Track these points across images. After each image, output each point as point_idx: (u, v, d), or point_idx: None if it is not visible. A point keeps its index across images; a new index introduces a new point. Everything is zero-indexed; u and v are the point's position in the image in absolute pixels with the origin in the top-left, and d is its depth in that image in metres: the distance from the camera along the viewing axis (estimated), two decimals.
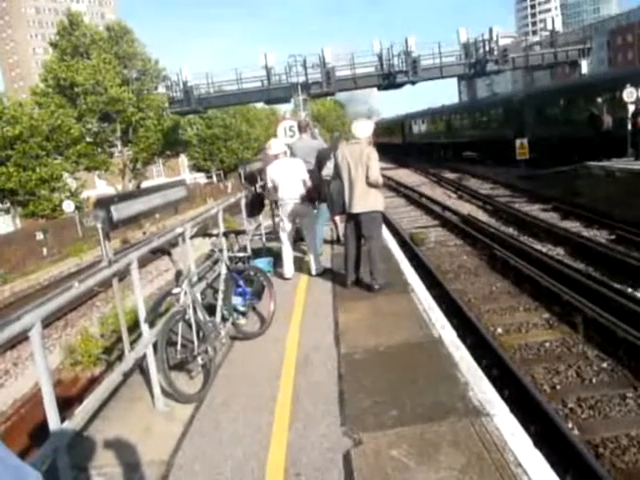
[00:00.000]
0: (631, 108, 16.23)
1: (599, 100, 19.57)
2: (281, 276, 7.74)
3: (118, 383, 4.47)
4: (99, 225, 3.90)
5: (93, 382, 7.69)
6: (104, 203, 4.03)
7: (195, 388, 4.53)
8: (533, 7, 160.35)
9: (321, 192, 7.51)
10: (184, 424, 4.03)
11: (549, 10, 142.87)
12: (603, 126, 18.10)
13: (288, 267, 7.73)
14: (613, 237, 11.91)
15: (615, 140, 17.48)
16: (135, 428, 4.01)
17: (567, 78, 35.62)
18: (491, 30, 31.52)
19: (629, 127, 16.41)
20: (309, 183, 7.40)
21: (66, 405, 5.87)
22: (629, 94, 16.47)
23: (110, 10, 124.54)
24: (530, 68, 36.84)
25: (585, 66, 33.02)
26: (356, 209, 6.40)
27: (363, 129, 6.57)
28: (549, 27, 34.75)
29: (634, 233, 11.51)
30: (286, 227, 7.65)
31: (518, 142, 24.52)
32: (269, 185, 7.62)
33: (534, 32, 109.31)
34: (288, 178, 7.35)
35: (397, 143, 50.43)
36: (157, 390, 4.26)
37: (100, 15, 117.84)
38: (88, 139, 39.57)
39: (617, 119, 18.01)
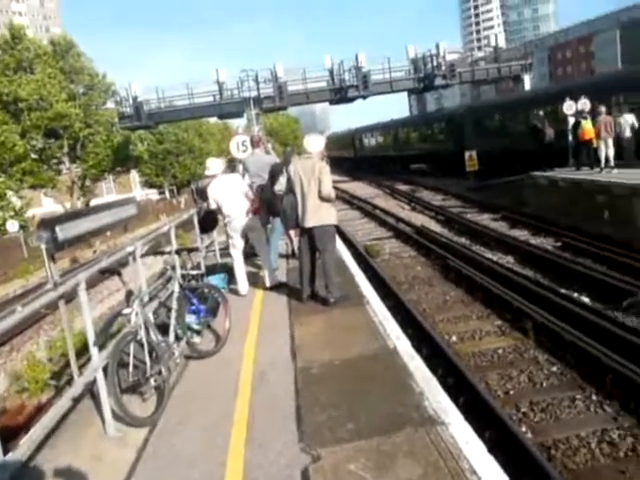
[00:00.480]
0: (571, 120, 16.94)
1: (540, 113, 20.37)
2: (236, 292, 7.65)
3: (67, 409, 4.31)
4: (43, 246, 3.76)
5: (41, 409, 7.36)
6: (48, 223, 3.89)
7: (148, 411, 4.40)
8: (477, 24, 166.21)
9: (274, 207, 7.50)
10: (137, 449, 3.91)
11: (492, 27, 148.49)
12: (545, 138, 18.83)
13: (242, 284, 7.66)
14: (559, 244, 12.37)
15: (557, 151, 18.22)
16: (85, 456, 3.86)
17: (511, 92, 37.00)
18: (438, 46, 32.45)
19: (570, 139, 17.11)
20: (251, 196, 7.38)
21: (11, 435, 5.61)
22: (568, 107, 17.20)
23: (55, 23, 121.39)
24: (476, 82, 38.09)
25: (528, 80, 34.38)
26: (309, 223, 6.41)
27: (315, 144, 6.61)
28: (493, 43, 36.09)
29: (578, 240, 11.99)
30: (236, 244, 7.58)
31: (467, 154, 25.19)
32: (212, 206, 7.52)
33: (479, 48, 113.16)
34: (230, 195, 7.30)
35: (349, 157, 51.46)
36: (108, 415, 4.12)
37: (44, 29, 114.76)
38: (33, 156, 38.27)
39: (557, 131, 18.86)
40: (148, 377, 4.46)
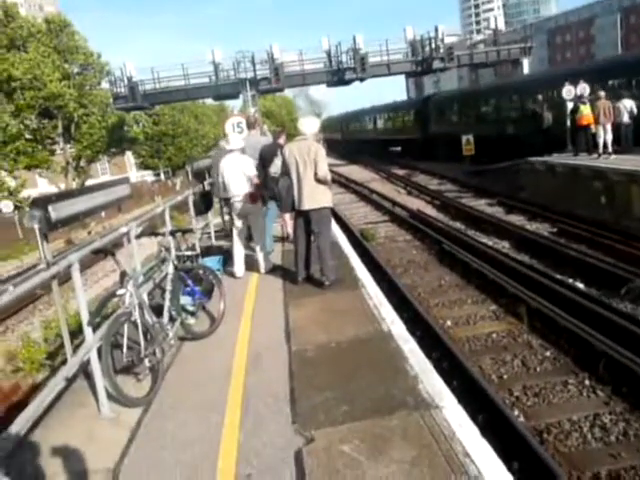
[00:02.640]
0: (570, 105, 16.84)
1: (539, 98, 20.28)
2: (231, 274, 7.63)
3: (61, 389, 4.30)
4: (35, 226, 3.71)
5: (36, 389, 7.37)
6: (41, 202, 3.84)
7: (142, 392, 4.40)
8: (477, 7, 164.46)
9: (268, 189, 7.45)
10: (131, 429, 3.91)
11: (492, 9, 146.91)
12: (544, 123, 18.74)
13: (239, 266, 7.64)
14: (555, 230, 12.37)
15: (554, 137, 18.15)
16: (79, 435, 3.85)
17: (509, 76, 36.95)
18: (437, 28, 32.03)
19: (568, 124, 17.03)
20: (255, 181, 7.34)
21: (6, 414, 5.61)
22: (568, 92, 17.08)
23: (49, 2, 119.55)
24: (475, 66, 37.74)
25: (526, 64, 34.09)
26: (305, 206, 6.37)
27: (310, 126, 6.54)
28: (492, 26, 35.65)
29: (574, 226, 12.00)
30: (237, 225, 7.56)
31: (464, 138, 25.09)
32: (219, 180, 7.52)
33: (478, 31, 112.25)
34: (237, 175, 7.27)
35: (337, 139, 56.99)
36: (102, 395, 4.11)
37: (38, 7, 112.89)
38: (27, 136, 37.83)
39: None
40: (142, 358, 4.45)
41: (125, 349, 4.35)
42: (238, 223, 7.54)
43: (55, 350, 8.94)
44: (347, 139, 54.90)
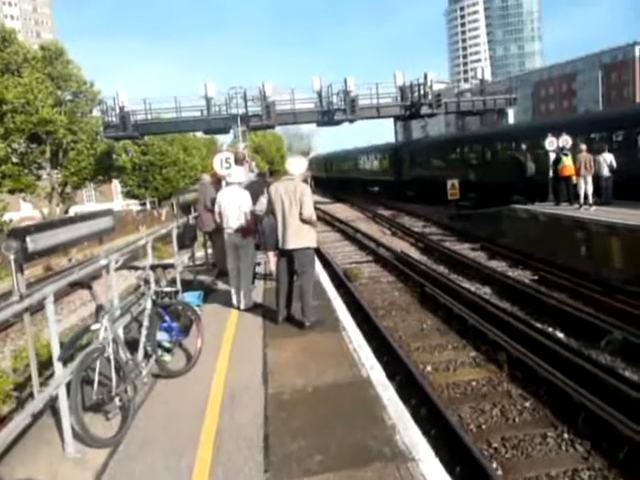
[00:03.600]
0: (552, 156, 17.22)
1: (523, 147, 20.75)
2: (211, 310, 7.54)
3: (27, 425, 4.13)
4: (11, 256, 3.63)
5: (1, 422, 7.08)
6: (19, 233, 3.77)
7: (111, 431, 4.24)
8: (465, 57, 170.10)
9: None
10: (96, 472, 3.75)
11: (479, 60, 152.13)
12: (527, 171, 19.10)
13: (236, 297, 7.61)
14: (536, 277, 12.46)
15: (537, 186, 18.51)
16: (41, 476, 3.69)
17: (495, 125, 37.96)
18: (426, 75, 32.90)
19: (550, 174, 17.39)
20: (249, 216, 7.37)
21: None
22: (550, 143, 17.50)
23: (46, 29, 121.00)
24: (461, 113, 38.70)
25: (511, 114, 35.04)
26: (290, 245, 6.36)
27: (297, 166, 6.59)
28: (479, 76, 36.78)
29: (555, 274, 12.10)
30: (230, 256, 7.55)
31: (449, 183, 25.45)
32: (216, 209, 7.64)
33: (466, 79, 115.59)
34: (235, 208, 7.33)
35: (322, 177, 59.66)
36: (68, 434, 3.96)
37: (36, 33, 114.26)
38: (14, 159, 37.65)
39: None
40: (113, 396, 4.31)
41: (96, 386, 4.22)
42: (230, 255, 7.54)
43: (24, 381, 8.66)
44: (330, 177, 58.01)
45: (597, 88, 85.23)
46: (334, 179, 56.44)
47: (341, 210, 33.02)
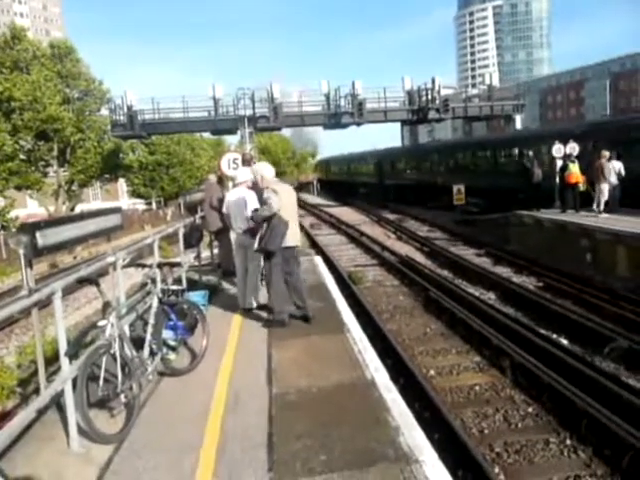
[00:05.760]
0: (559, 163, 17.19)
1: (530, 154, 20.72)
2: (216, 310, 7.56)
3: (31, 420, 4.15)
4: (21, 251, 3.65)
5: (4, 418, 7.11)
6: (29, 228, 3.80)
7: (116, 428, 4.27)
8: (473, 62, 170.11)
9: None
10: (100, 468, 3.78)
11: (487, 66, 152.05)
12: (534, 178, 19.08)
13: (241, 297, 7.63)
14: (541, 284, 12.42)
15: (545, 191, 18.48)
16: (45, 471, 3.71)
17: (502, 130, 38.04)
18: (434, 80, 32.87)
19: (557, 181, 17.37)
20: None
21: None
22: (557, 150, 17.47)
23: (56, 27, 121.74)
24: (469, 119, 38.66)
25: (519, 120, 34.99)
26: (290, 242, 6.66)
27: (269, 171, 7.08)
28: (487, 82, 36.73)
29: (560, 281, 12.06)
30: (237, 256, 7.58)
31: (455, 188, 25.45)
32: (224, 210, 7.74)
33: (473, 85, 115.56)
34: (241, 208, 7.35)
35: (322, 178, 67.68)
36: (73, 429, 3.98)
37: (45, 32, 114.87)
38: (22, 156, 37.82)
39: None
40: (118, 393, 4.33)
41: (101, 382, 4.24)
42: (238, 254, 7.57)
43: (28, 377, 8.70)
44: (329, 179, 64.13)
45: (605, 96, 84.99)
46: (332, 181, 61.80)
47: (347, 213, 33.04)
